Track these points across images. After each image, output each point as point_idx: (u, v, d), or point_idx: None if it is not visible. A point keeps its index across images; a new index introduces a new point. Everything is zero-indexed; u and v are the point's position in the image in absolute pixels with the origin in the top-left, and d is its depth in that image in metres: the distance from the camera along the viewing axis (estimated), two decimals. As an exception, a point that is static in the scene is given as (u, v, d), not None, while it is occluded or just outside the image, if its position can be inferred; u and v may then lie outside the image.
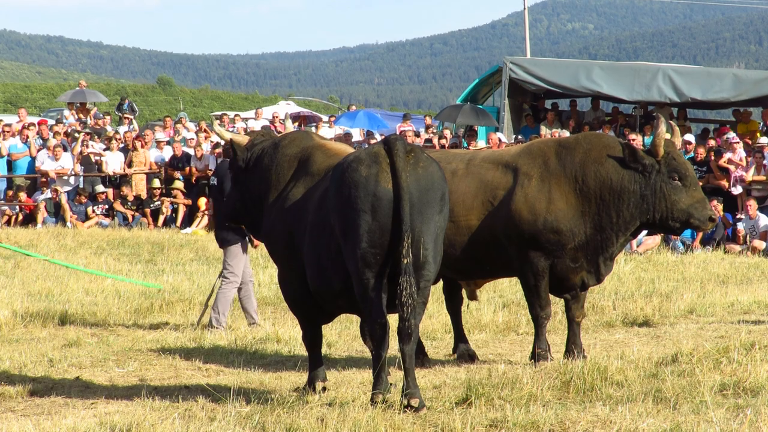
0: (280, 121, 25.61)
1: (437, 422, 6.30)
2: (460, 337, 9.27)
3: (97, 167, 23.38)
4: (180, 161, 23.11)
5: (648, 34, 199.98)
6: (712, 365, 7.25)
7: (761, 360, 7.24)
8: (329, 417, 6.31)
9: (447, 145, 22.56)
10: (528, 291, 8.52)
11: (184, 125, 26.57)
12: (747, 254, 17.35)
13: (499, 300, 12.08)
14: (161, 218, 22.32)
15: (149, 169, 23.39)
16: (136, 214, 22.25)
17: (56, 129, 24.85)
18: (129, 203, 22.45)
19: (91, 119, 27.62)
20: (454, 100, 30.83)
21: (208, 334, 10.36)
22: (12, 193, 22.97)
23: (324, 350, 8.35)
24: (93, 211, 22.16)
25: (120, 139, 24.15)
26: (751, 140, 20.65)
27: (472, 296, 9.34)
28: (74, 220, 21.78)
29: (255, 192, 7.78)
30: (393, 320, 6.68)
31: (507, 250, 8.46)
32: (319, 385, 7.50)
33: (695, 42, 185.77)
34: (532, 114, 24.59)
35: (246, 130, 22.50)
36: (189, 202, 22.36)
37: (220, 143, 22.34)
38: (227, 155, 11.41)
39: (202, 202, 22.04)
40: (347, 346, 9.89)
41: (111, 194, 22.74)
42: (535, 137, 20.01)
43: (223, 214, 8.59)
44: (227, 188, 9.16)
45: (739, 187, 19.41)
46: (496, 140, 21.27)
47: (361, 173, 6.69)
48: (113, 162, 23.36)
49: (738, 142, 20.05)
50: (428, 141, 23.09)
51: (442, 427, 6.21)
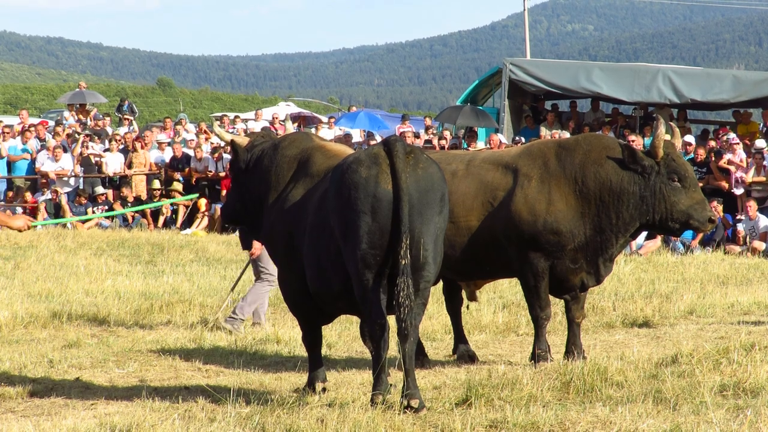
0: (280, 122, 25.61)
1: (437, 423, 6.30)
2: (460, 338, 9.28)
3: (97, 168, 23.40)
4: (180, 162, 23.14)
5: (648, 36, 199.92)
6: (712, 366, 7.25)
7: (761, 361, 7.24)
8: (329, 418, 6.31)
9: (447, 146, 22.56)
10: (528, 292, 8.52)
11: (184, 126, 26.59)
12: (747, 255, 17.36)
13: (499, 301, 12.08)
14: (161, 219, 22.33)
15: (149, 170, 23.41)
16: (136, 215, 22.25)
17: (58, 130, 24.86)
18: (129, 204, 22.44)
19: (91, 120, 27.63)
20: (454, 102, 30.81)
21: (208, 334, 10.37)
22: (12, 194, 22.96)
23: (324, 351, 8.35)
24: (93, 213, 22.18)
25: (120, 140, 24.17)
26: (750, 141, 20.65)
27: (472, 297, 9.35)
28: (74, 221, 21.77)
29: (255, 193, 7.79)
30: (393, 321, 6.68)
31: (507, 251, 8.47)
32: (319, 386, 7.50)
33: (695, 43, 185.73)
34: (532, 115, 24.59)
35: (246, 132, 22.53)
36: (192, 201, 22.32)
37: (221, 146, 22.37)
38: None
39: (202, 203, 22.05)
40: (347, 347, 9.89)
41: (111, 195, 22.75)
42: (534, 140, 20.00)
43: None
44: None
45: (740, 188, 19.42)
46: (497, 141, 21.27)
47: (361, 174, 6.68)
48: (113, 163, 23.38)
49: (738, 143, 20.06)
50: (428, 142, 23.10)
51: (442, 428, 6.21)
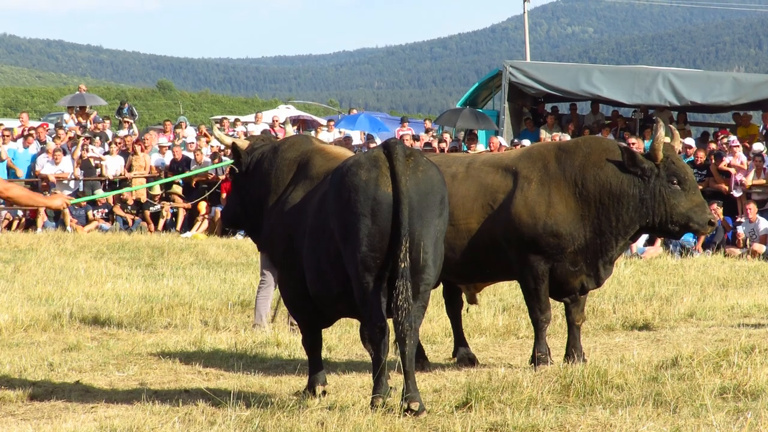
0: (280, 125, 25.62)
1: (437, 426, 6.29)
2: (460, 341, 9.27)
3: (97, 171, 23.40)
4: (180, 165, 23.13)
5: (648, 38, 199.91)
6: (712, 369, 7.23)
7: (761, 363, 7.23)
8: (329, 421, 6.31)
9: (447, 149, 22.57)
10: (528, 294, 8.52)
11: (184, 129, 26.59)
12: (747, 258, 17.35)
13: (499, 303, 12.07)
14: (161, 222, 22.33)
15: (149, 173, 23.41)
16: (136, 218, 22.25)
17: (60, 133, 24.85)
18: (129, 207, 22.45)
19: (91, 123, 27.64)
20: (454, 104, 30.81)
21: (208, 337, 10.36)
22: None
23: (324, 354, 8.35)
24: (93, 215, 22.18)
25: (120, 143, 24.17)
26: (750, 144, 20.65)
27: (472, 300, 9.34)
28: (74, 224, 21.79)
29: (255, 196, 7.79)
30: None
31: (507, 254, 8.47)
32: (319, 389, 7.49)
33: (695, 46, 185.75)
34: (532, 118, 24.60)
35: (246, 134, 22.53)
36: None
37: (221, 149, 22.36)
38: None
39: (203, 206, 22.04)
40: (347, 350, 9.89)
41: (111, 198, 22.75)
42: (527, 143, 20.01)
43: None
44: None
45: (740, 191, 19.42)
46: (498, 144, 21.28)
47: (361, 177, 6.68)
48: (113, 166, 23.38)
49: (738, 146, 20.05)
50: (428, 145, 23.10)
51: (442, 431, 6.21)
